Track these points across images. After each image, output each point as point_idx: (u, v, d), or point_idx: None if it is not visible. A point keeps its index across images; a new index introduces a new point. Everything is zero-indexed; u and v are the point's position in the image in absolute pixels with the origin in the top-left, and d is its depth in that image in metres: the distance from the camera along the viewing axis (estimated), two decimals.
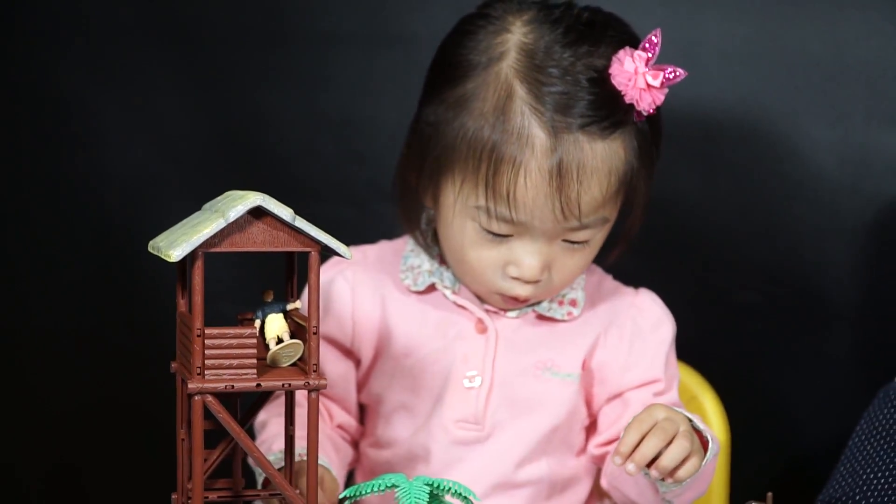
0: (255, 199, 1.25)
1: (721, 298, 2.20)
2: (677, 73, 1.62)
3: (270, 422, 1.71)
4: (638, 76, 1.61)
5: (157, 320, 1.97)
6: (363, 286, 1.77)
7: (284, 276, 1.38)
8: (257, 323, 1.32)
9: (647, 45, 1.62)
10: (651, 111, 1.62)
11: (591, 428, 1.79)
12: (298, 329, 1.33)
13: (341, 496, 1.40)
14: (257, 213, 1.26)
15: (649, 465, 1.51)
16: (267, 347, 1.32)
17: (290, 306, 1.34)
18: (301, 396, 1.38)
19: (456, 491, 1.40)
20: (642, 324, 1.77)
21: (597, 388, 1.76)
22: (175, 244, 1.25)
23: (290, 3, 2.24)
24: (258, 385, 1.28)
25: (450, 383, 1.73)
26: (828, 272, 2.14)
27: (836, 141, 2.14)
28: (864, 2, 2.13)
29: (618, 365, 1.74)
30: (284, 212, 1.26)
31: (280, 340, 1.32)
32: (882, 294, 2.02)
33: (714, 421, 1.98)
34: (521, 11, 1.67)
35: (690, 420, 1.58)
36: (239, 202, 1.25)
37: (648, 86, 1.61)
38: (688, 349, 2.04)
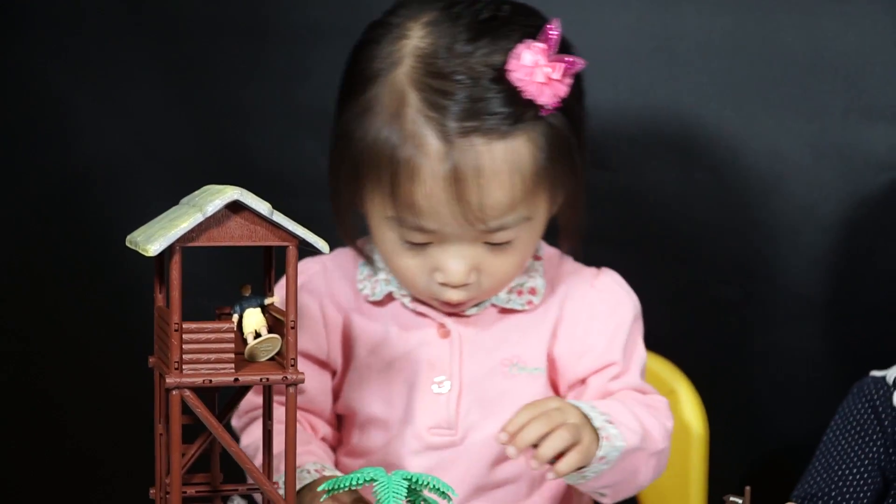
0: (232, 193, 1.26)
1: (698, 293, 2.21)
2: (576, 62, 1.61)
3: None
4: (537, 70, 1.59)
5: (134, 315, 1.98)
6: (327, 298, 1.77)
7: (262, 270, 1.39)
8: (235, 317, 1.32)
9: (544, 37, 1.60)
10: (555, 104, 1.60)
11: None
12: (276, 323, 1.33)
13: (320, 488, 1.41)
14: (235, 207, 1.26)
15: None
16: (245, 342, 1.32)
17: (267, 301, 1.34)
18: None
19: (434, 486, 1.40)
20: (599, 307, 1.76)
21: (560, 376, 1.75)
22: (152, 238, 1.25)
23: None
24: (236, 380, 1.28)
25: (418, 391, 1.72)
26: (805, 267, 2.15)
27: (814, 135, 2.15)
28: None
29: (575, 351, 1.74)
30: (262, 206, 1.27)
31: (258, 335, 1.32)
32: (858, 289, 2.03)
33: (691, 415, 1.99)
34: (423, 14, 1.64)
35: (595, 417, 1.58)
36: (216, 196, 1.25)
37: (549, 79, 1.59)
38: (665, 343, 2.06)
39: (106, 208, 2.26)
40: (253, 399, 1.68)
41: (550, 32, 1.61)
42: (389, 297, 1.75)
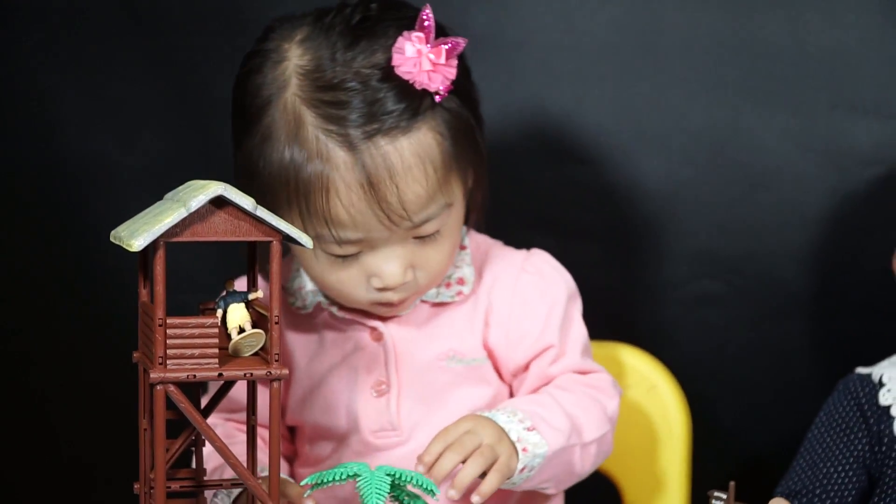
0: (216, 188, 1.26)
1: (683, 288, 2.21)
2: (457, 43, 1.61)
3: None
4: (422, 58, 1.59)
5: (118, 310, 1.97)
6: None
7: (246, 265, 1.39)
8: (219, 312, 1.32)
9: (420, 25, 1.60)
10: (446, 88, 1.61)
11: None
12: (260, 319, 1.34)
13: (303, 483, 1.41)
14: (219, 202, 1.27)
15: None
16: (229, 337, 1.32)
17: (251, 296, 1.34)
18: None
19: (417, 482, 1.41)
20: (530, 290, 1.75)
21: (501, 365, 1.75)
22: (136, 234, 1.25)
23: None
24: (220, 374, 1.29)
25: (358, 396, 1.72)
26: (790, 262, 2.16)
27: (799, 131, 2.15)
28: None
29: (511, 338, 1.73)
30: (246, 201, 1.27)
31: (242, 330, 1.32)
32: (843, 284, 2.03)
33: (674, 410, 1.99)
34: (295, 32, 1.64)
35: (512, 430, 1.58)
36: (200, 192, 1.26)
37: (435, 65, 1.59)
38: (649, 338, 2.06)
39: (90, 203, 2.26)
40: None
41: (425, 20, 1.60)
42: (319, 308, 1.75)
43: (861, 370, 1.90)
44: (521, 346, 1.74)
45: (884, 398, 1.85)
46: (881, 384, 1.86)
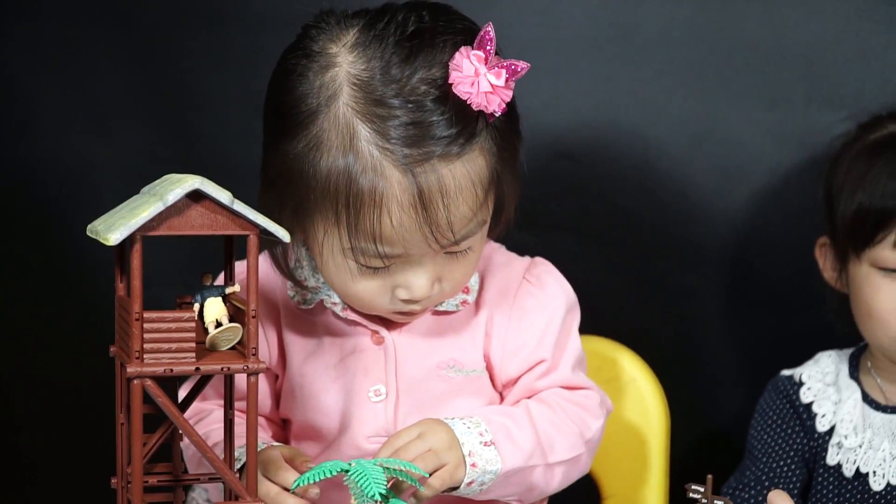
0: (193, 182, 1.26)
1: (660, 282, 2.22)
2: (520, 67, 1.57)
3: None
4: (480, 79, 1.55)
5: (96, 304, 1.97)
6: (262, 305, 1.71)
7: (223, 259, 1.39)
8: (196, 306, 1.33)
9: (482, 43, 1.56)
10: (503, 110, 1.57)
11: None
12: (237, 312, 1.34)
13: (294, 486, 1.42)
14: (196, 196, 1.27)
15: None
16: (206, 331, 1.32)
17: (228, 290, 1.34)
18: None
19: (401, 471, 1.41)
20: (530, 302, 1.74)
21: (495, 375, 1.74)
22: (113, 228, 1.25)
23: None
24: (197, 369, 1.29)
25: (355, 399, 1.70)
26: (767, 254, 2.17)
27: (775, 123, 2.16)
28: None
29: (507, 350, 1.72)
30: (223, 195, 1.27)
31: (219, 324, 1.32)
32: (820, 277, 2.03)
33: (652, 403, 2.00)
34: (342, 35, 1.59)
35: (466, 443, 1.58)
36: (177, 185, 1.26)
37: (493, 87, 1.55)
38: (626, 332, 2.07)
39: (67, 197, 2.26)
40: (198, 406, 1.67)
41: (487, 37, 1.56)
42: (321, 305, 1.72)
43: (785, 372, 1.95)
44: (515, 359, 1.73)
45: (804, 396, 1.90)
46: (801, 384, 1.90)
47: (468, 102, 1.55)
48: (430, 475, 1.53)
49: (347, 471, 1.39)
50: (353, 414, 1.70)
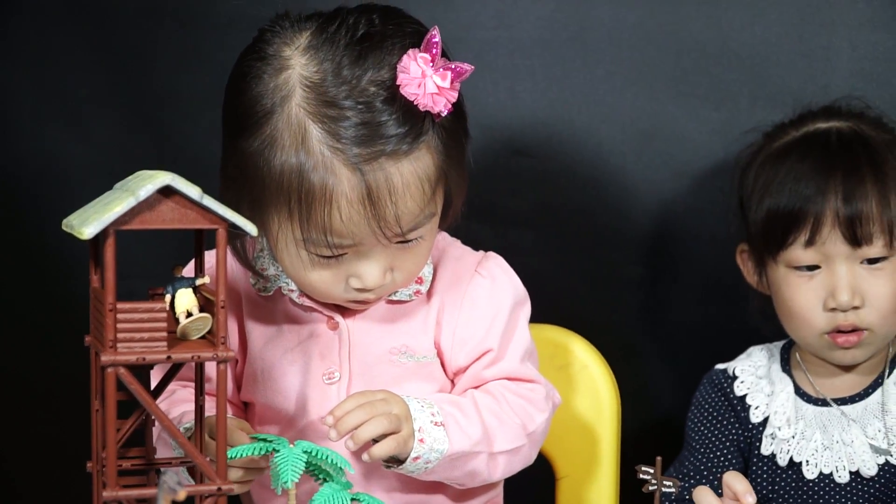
0: (164, 178, 1.26)
1: (611, 272, 2.23)
2: (465, 69, 1.58)
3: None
4: (426, 80, 1.56)
5: (71, 296, 1.97)
6: (233, 283, 1.75)
7: (193, 252, 1.39)
8: (167, 298, 1.32)
9: (428, 46, 1.57)
10: (448, 110, 1.58)
11: None
12: (207, 303, 1.34)
13: (231, 456, 1.42)
14: (167, 191, 1.26)
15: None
16: (177, 321, 1.32)
17: (199, 282, 1.34)
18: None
19: (332, 461, 1.42)
20: (480, 293, 1.75)
21: (446, 364, 1.75)
22: (87, 222, 1.25)
23: None
24: (169, 357, 1.29)
25: (311, 382, 1.72)
26: (713, 248, 2.17)
27: (721, 122, 2.17)
28: None
29: (457, 339, 1.73)
30: (192, 190, 1.27)
31: (189, 314, 1.32)
32: None
33: (603, 389, 2.00)
34: (296, 38, 1.60)
35: (418, 418, 1.60)
36: (149, 181, 1.26)
37: (439, 88, 1.57)
38: (579, 320, 2.07)
39: (43, 193, 2.25)
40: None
41: (433, 40, 1.58)
42: (279, 293, 1.73)
43: (719, 366, 1.96)
44: (464, 348, 1.74)
45: (738, 389, 1.91)
46: (735, 377, 1.92)
47: (415, 103, 1.56)
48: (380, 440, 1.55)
49: (277, 450, 1.41)
50: (309, 396, 1.72)
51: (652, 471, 1.54)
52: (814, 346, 1.86)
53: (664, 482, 1.54)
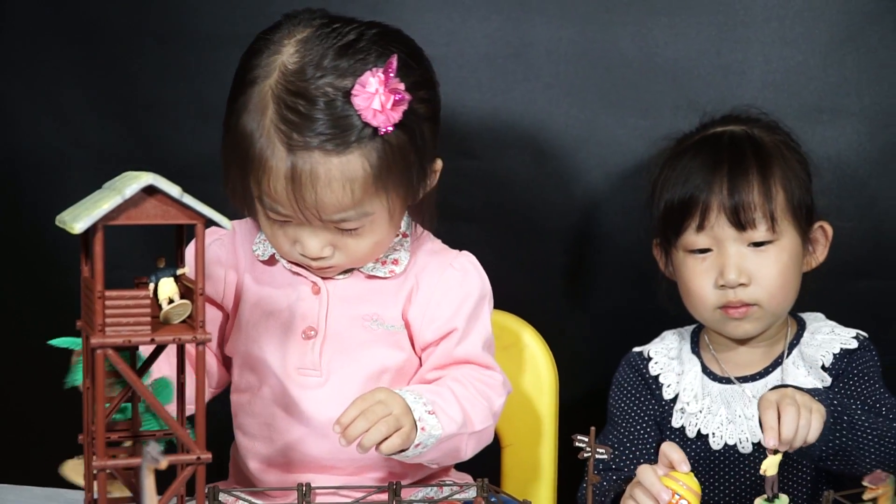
0: (147, 178, 1.25)
1: (548, 262, 2.23)
2: (404, 99, 1.61)
3: None
4: (374, 97, 1.60)
5: (64, 284, 1.96)
6: (231, 253, 1.80)
7: (174, 245, 1.38)
8: (151, 286, 1.32)
9: (386, 70, 1.60)
10: (388, 128, 1.61)
11: None
12: (187, 291, 1.33)
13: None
14: (150, 190, 1.26)
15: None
16: (160, 307, 1.32)
17: (179, 271, 1.34)
18: None
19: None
20: (452, 281, 1.77)
21: (415, 338, 1.77)
22: (78, 218, 1.24)
23: (178, 7, 2.22)
24: (152, 340, 1.28)
25: (290, 338, 1.74)
26: (636, 241, 2.16)
27: (647, 129, 2.17)
28: (671, 10, 2.16)
29: (426, 317, 1.76)
30: (173, 189, 1.26)
31: (171, 301, 1.32)
32: None
33: (542, 366, 2.01)
34: (300, 31, 1.66)
35: (416, 409, 1.61)
36: (134, 181, 1.25)
37: (382, 106, 1.60)
38: (520, 304, 2.08)
39: (38, 192, 2.24)
40: None
41: (390, 67, 1.61)
42: (273, 259, 1.78)
43: (636, 349, 1.98)
44: (432, 325, 1.75)
45: (653, 369, 1.93)
46: (649, 359, 1.93)
47: (359, 113, 1.59)
48: (390, 436, 1.56)
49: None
50: (289, 349, 1.74)
51: (586, 440, 1.54)
52: (710, 321, 1.88)
53: (597, 450, 1.54)
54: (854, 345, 1.86)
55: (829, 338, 1.87)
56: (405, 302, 1.76)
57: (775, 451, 1.51)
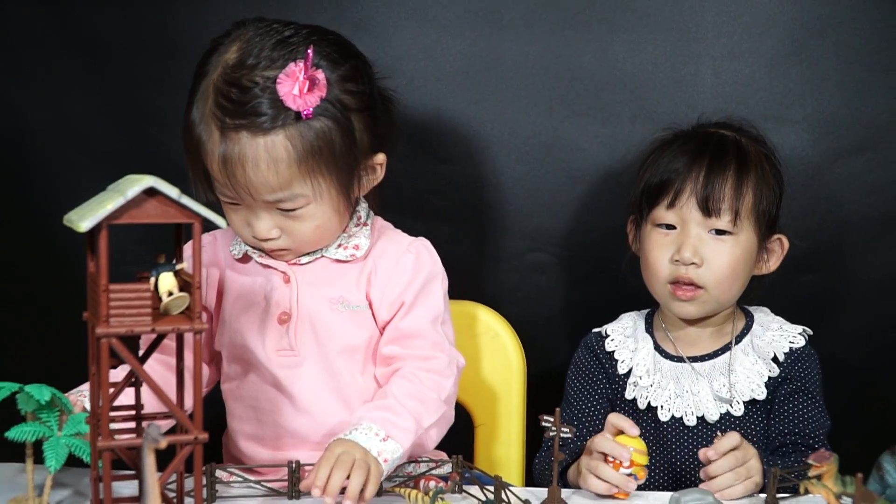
0: (148, 181, 1.25)
1: (517, 258, 2.23)
2: (321, 83, 1.64)
3: None
4: (294, 84, 1.62)
5: (72, 279, 1.95)
6: (213, 255, 1.82)
7: (173, 242, 1.38)
8: (152, 280, 1.32)
9: (306, 62, 1.63)
10: (307, 111, 1.63)
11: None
12: (185, 284, 1.33)
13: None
14: (151, 192, 1.26)
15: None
16: (160, 299, 1.32)
17: (178, 266, 1.34)
18: None
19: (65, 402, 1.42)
20: (406, 263, 1.78)
21: (376, 316, 1.78)
22: (84, 217, 1.24)
23: (178, 21, 2.21)
24: (153, 329, 1.29)
25: (268, 324, 1.76)
26: (599, 238, 2.18)
27: (608, 136, 2.17)
28: (629, 27, 2.16)
29: (384, 296, 1.76)
30: (172, 191, 1.27)
31: (171, 294, 1.32)
32: (633, 258, 2.06)
33: (513, 354, 2.02)
34: (245, 32, 1.68)
35: (372, 448, 1.59)
36: (136, 184, 1.25)
37: (300, 92, 1.63)
38: (494, 298, 2.08)
39: (48, 194, 2.23)
40: None
41: (308, 57, 1.63)
42: (247, 256, 1.79)
43: (595, 329, 1.98)
44: (386, 303, 1.76)
45: (609, 346, 1.94)
46: (606, 336, 1.94)
47: (281, 98, 1.62)
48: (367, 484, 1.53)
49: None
50: (267, 335, 1.76)
51: (552, 419, 1.55)
52: (661, 295, 1.89)
53: (562, 429, 1.55)
54: (802, 342, 1.88)
55: (778, 335, 1.89)
56: (367, 284, 1.77)
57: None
